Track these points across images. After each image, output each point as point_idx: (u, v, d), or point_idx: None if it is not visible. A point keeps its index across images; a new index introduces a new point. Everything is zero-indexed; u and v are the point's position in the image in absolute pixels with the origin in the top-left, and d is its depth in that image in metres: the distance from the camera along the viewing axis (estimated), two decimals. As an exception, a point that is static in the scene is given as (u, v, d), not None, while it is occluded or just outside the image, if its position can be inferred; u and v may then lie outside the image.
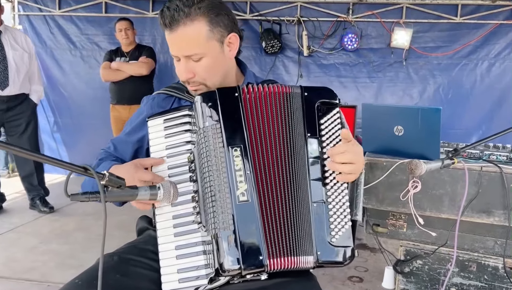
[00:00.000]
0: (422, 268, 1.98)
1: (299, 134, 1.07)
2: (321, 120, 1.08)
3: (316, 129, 1.08)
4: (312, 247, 1.02)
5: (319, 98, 1.10)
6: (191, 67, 1.15)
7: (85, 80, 4.91)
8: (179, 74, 1.18)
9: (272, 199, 1.03)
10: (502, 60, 4.32)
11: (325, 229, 1.03)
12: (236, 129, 1.05)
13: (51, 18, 4.89)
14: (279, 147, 1.06)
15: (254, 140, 1.05)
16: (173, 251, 1.06)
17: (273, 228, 1.02)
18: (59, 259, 2.79)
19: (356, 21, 4.47)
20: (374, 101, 4.55)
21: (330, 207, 1.05)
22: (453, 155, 1.27)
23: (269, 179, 1.04)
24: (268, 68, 4.66)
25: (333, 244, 1.03)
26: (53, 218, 3.62)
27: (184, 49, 1.13)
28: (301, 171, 1.06)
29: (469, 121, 4.40)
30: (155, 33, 4.76)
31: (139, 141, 1.27)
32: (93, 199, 0.86)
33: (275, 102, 1.09)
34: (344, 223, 1.04)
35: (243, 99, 1.07)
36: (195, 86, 1.18)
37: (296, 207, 1.04)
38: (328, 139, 1.08)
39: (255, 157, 1.04)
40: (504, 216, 1.76)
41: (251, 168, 1.03)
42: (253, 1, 4.59)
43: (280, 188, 1.04)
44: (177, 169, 1.11)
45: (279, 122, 1.08)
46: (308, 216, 1.04)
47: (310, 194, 1.04)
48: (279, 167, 1.05)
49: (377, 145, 2.04)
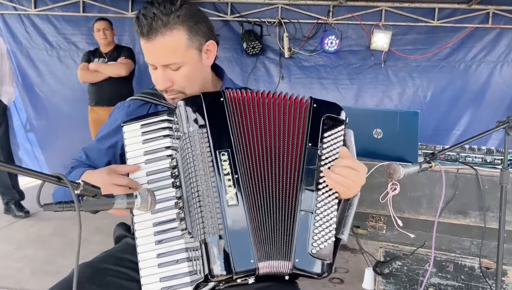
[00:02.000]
0: (401, 269, 2.01)
1: (296, 142, 1.06)
2: (325, 133, 1.08)
3: (318, 140, 1.07)
4: (291, 253, 1.01)
5: (327, 112, 1.10)
6: (169, 76, 1.12)
7: (62, 80, 4.80)
8: (156, 82, 1.15)
9: (260, 202, 1.03)
10: (478, 63, 4.43)
11: (307, 239, 1.02)
12: (223, 133, 1.04)
13: (27, 17, 4.77)
14: (268, 152, 1.05)
15: (240, 144, 1.04)
16: (154, 259, 1.04)
17: (260, 231, 1.01)
18: (35, 266, 2.72)
19: (337, 23, 4.51)
20: (354, 103, 4.60)
21: (317, 218, 1.04)
22: (430, 159, 1.29)
23: (256, 183, 1.03)
24: (249, 70, 4.65)
25: (313, 255, 1.02)
26: (29, 223, 3.53)
27: (162, 59, 1.11)
28: (292, 178, 1.04)
29: (447, 122, 4.50)
30: (135, 34, 4.57)
31: (112, 147, 1.24)
32: (67, 209, 0.83)
33: (264, 108, 1.08)
34: (328, 237, 1.03)
35: (229, 103, 1.07)
36: (173, 95, 1.16)
37: (280, 212, 1.03)
38: (328, 153, 1.07)
39: (244, 161, 1.03)
40: (479, 217, 1.80)
41: (239, 172, 1.02)
42: (234, 2, 4.58)
43: (267, 193, 1.04)
44: (157, 175, 1.09)
45: (269, 127, 1.07)
46: (292, 222, 1.03)
47: (299, 202, 1.03)
48: (266, 172, 1.04)
49: (356, 147, 2.04)
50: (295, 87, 4.59)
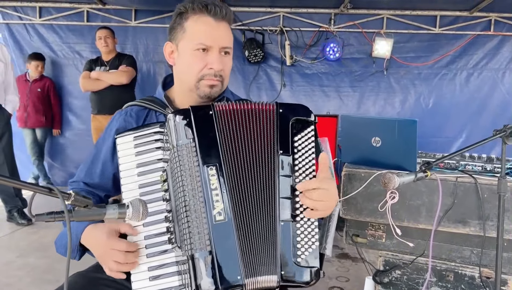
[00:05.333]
0: (401, 278, 1.99)
1: (272, 151, 1.06)
2: (294, 137, 1.07)
3: (289, 146, 1.06)
4: (276, 266, 1.01)
5: (294, 115, 1.09)
6: (222, 60, 1.18)
7: (66, 89, 4.85)
8: (212, 64, 1.16)
9: (245, 217, 1.02)
10: (480, 70, 4.43)
11: (291, 249, 1.02)
12: (211, 147, 1.04)
13: (32, 27, 4.83)
14: (254, 165, 1.05)
15: (228, 158, 1.04)
16: (146, 272, 1.04)
17: (247, 247, 1.01)
18: (36, 274, 2.72)
19: (338, 31, 4.53)
20: (356, 110, 4.60)
21: (298, 226, 1.03)
22: (426, 168, 1.28)
23: (243, 197, 1.03)
24: (251, 78, 4.68)
25: (299, 264, 1.02)
26: (31, 230, 3.54)
27: (225, 40, 1.18)
28: (270, 189, 1.04)
29: (450, 130, 4.49)
30: (138, 42, 4.75)
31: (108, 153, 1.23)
32: (58, 219, 0.83)
33: (249, 119, 1.08)
34: (312, 242, 1.03)
35: (217, 117, 1.06)
36: (216, 81, 1.19)
37: (263, 225, 1.03)
38: (301, 157, 1.06)
39: (230, 175, 1.03)
40: (479, 226, 1.78)
41: (226, 187, 1.01)
42: (236, 11, 4.61)
43: (253, 206, 1.03)
44: (149, 188, 1.08)
45: (253, 139, 1.06)
46: (274, 235, 1.02)
47: (278, 213, 1.03)
48: (252, 185, 1.04)
49: (355, 156, 2.05)
50: (297, 95, 4.60)
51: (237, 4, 4.50)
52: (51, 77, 4.81)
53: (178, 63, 1.22)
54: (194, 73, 1.17)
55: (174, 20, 1.21)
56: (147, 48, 4.75)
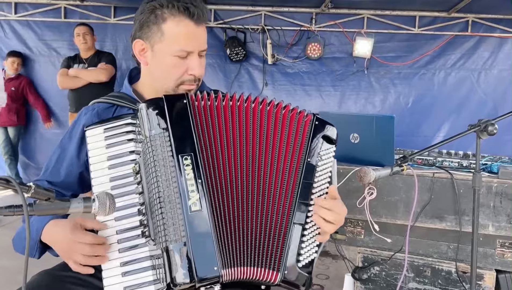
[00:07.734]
0: (379, 275, 1.99)
1: (292, 155, 1.07)
2: (321, 151, 1.10)
3: (316, 156, 1.08)
4: (281, 264, 1.00)
5: (325, 131, 1.12)
6: (201, 63, 1.16)
7: (42, 86, 4.73)
8: (193, 69, 1.14)
9: (226, 208, 1.00)
10: (457, 70, 4.50)
11: (296, 251, 1.02)
12: (186, 137, 1.01)
13: (7, 23, 4.70)
14: (244, 160, 1.04)
15: (206, 149, 1.02)
16: (118, 268, 1.01)
17: (226, 238, 0.98)
18: (9, 276, 2.63)
19: (319, 30, 4.54)
20: (338, 109, 4.62)
21: (306, 233, 1.04)
22: (401, 162, 1.28)
23: (226, 189, 1.01)
24: (233, 76, 4.65)
25: (300, 267, 1.02)
26: (2, 232, 3.42)
27: (204, 43, 1.17)
28: (285, 190, 1.05)
29: (428, 128, 4.55)
30: (117, 40, 4.67)
31: (74, 150, 1.19)
32: (18, 213, 0.80)
33: (238, 114, 1.06)
34: (314, 251, 1.04)
35: (193, 107, 1.04)
36: (194, 85, 1.17)
37: (268, 222, 1.03)
38: (321, 171, 1.08)
39: (209, 166, 1.00)
40: (455, 221, 1.80)
41: (203, 177, 0.98)
42: (217, 9, 4.58)
43: (241, 200, 1.02)
44: (121, 181, 1.05)
45: (245, 135, 1.05)
46: (285, 234, 1.02)
47: (293, 214, 1.03)
48: (242, 180, 1.03)
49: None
50: (279, 94, 4.59)
51: (218, 2, 4.47)
52: (27, 75, 4.69)
53: (153, 64, 1.17)
54: (173, 78, 1.14)
55: (147, 17, 1.14)
56: (127, 45, 4.67)
